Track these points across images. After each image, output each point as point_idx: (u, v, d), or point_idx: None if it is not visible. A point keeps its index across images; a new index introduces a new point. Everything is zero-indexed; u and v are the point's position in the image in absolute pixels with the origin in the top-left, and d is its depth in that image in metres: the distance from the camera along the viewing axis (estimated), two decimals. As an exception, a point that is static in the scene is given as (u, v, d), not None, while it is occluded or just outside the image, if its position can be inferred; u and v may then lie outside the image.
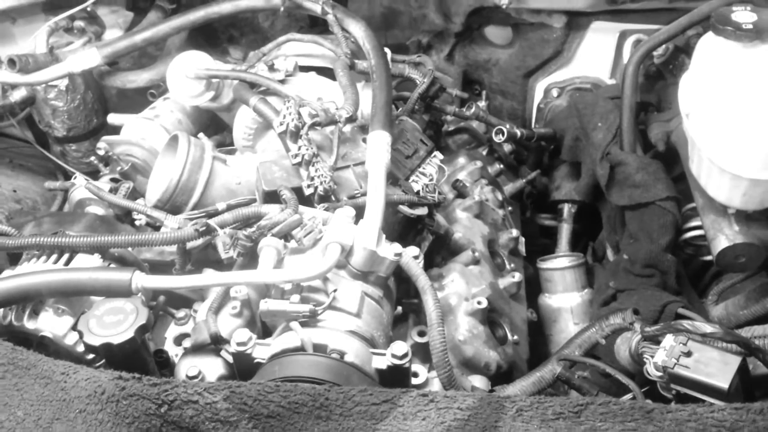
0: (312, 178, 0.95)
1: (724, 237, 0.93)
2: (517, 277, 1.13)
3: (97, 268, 0.85)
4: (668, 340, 0.68)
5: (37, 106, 1.40)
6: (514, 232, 1.23)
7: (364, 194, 0.94)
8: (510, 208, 1.35)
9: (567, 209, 1.38)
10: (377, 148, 0.96)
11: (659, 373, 0.68)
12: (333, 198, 0.96)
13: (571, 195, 1.36)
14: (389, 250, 0.86)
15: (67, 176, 1.45)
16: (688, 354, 0.65)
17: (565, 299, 1.21)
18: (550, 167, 1.47)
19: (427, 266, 1.03)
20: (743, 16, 0.93)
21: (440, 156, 1.11)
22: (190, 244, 0.94)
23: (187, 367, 0.82)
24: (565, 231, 1.39)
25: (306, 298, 0.81)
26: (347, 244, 0.84)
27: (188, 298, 1.01)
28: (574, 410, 0.60)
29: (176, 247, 0.96)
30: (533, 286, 1.30)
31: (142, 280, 0.81)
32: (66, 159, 1.46)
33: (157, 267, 1.02)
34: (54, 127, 1.42)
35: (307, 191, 0.95)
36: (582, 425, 0.58)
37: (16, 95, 1.37)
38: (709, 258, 1.12)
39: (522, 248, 1.29)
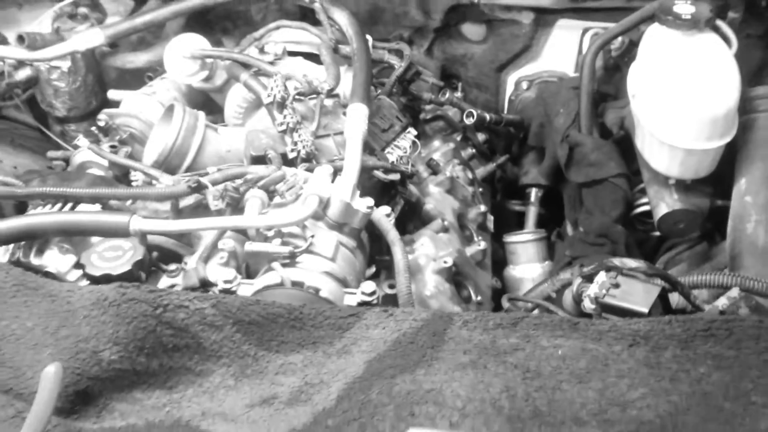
0: (295, 143, 1.05)
1: (664, 204, 1.04)
2: (483, 245, 1.23)
3: (99, 212, 0.94)
4: (601, 276, 0.78)
5: (40, 86, 1.49)
6: (483, 208, 1.33)
7: (342, 159, 1.05)
8: (480, 189, 1.46)
9: (534, 193, 1.50)
10: (355, 118, 1.06)
11: (593, 306, 0.78)
12: (314, 162, 1.06)
13: (537, 179, 1.47)
14: (362, 203, 0.96)
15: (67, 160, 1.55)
16: (617, 286, 0.75)
17: (528, 270, 1.32)
18: (520, 155, 1.58)
19: (400, 233, 1.13)
20: (683, 8, 1.05)
21: (414, 132, 1.22)
22: (182, 203, 1.04)
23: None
24: (531, 213, 1.50)
25: (286, 242, 0.91)
26: (325, 196, 0.93)
27: (179, 254, 1.10)
28: (511, 322, 0.69)
29: (170, 206, 1.05)
30: (500, 265, 1.41)
31: (139, 223, 0.90)
32: (65, 139, 1.55)
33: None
34: (55, 107, 1.51)
35: (291, 155, 1.06)
36: (517, 333, 0.68)
37: (21, 74, 1.46)
38: (658, 234, 1.24)
39: (490, 225, 1.39)
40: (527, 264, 1.31)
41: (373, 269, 1.13)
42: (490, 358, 0.65)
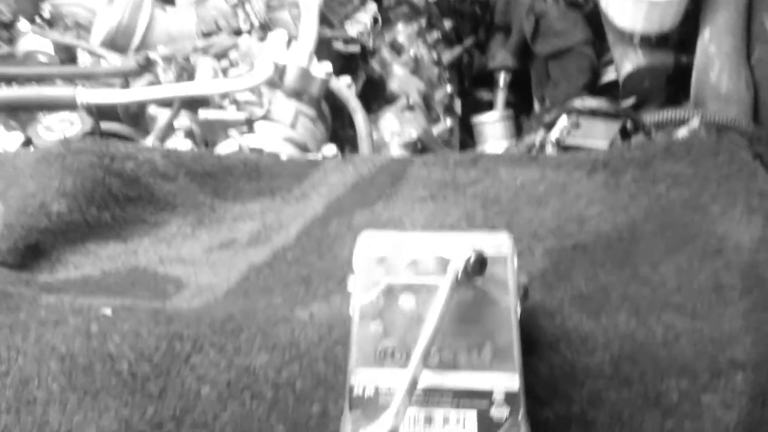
0: (248, 14, 1.01)
1: (629, 63, 1.02)
2: (450, 123, 1.22)
3: (43, 86, 0.90)
4: (562, 120, 0.77)
5: (-18, -12, 1.40)
6: (449, 89, 1.31)
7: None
8: (447, 75, 1.43)
9: (502, 77, 1.47)
10: (310, -14, 1.01)
11: (555, 150, 0.78)
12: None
13: (505, 61, 1.44)
14: (320, 68, 0.92)
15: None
16: (578, 126, 0.74)
17: (495, 147, 1.31)
18: (487, 40, 1.55)
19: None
20: None
21: (375, 6, 1.17)
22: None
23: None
24: (500, 98, 1.48)
25: (242, 109, 0.88)
26: (281, 63, 0.90)
27: (133, 139, 1.06)
28: (471, 159, 0.68)
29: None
30: (468, 148, 1.40)
31: (86, 94, 0.87)
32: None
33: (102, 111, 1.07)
34: (1, 12, 1.43)
35: (244, 27, 1.01)
36: (477, 168, 0.67)
37: (-42, -25, 1.38)
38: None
39: (458, 108, 1.37)
40: (494, 141, 1.30)
41: (333, 148, 1.12)
42: (449, 191, 0.64)
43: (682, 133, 0.71)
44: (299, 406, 0.45)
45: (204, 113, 0.86)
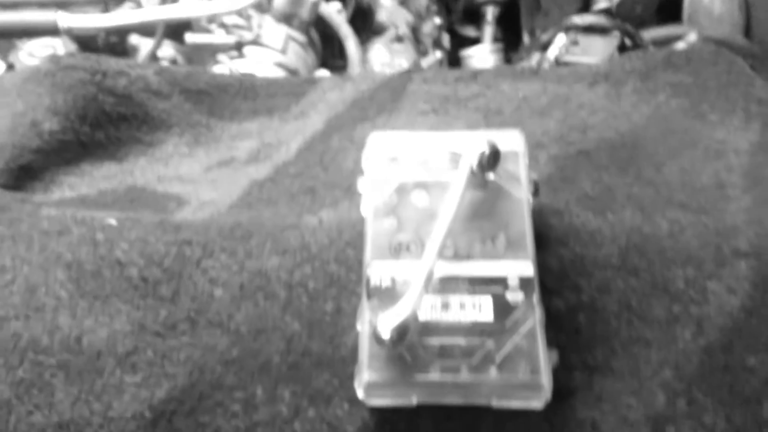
0: (233, -63, 0.97)
1: (621, -12, 1.01)
2: (439, 54, 1.20)
3: (22, 12, 0.87)
4: (560, 38, 0.76)
5: None
6: (438, 21, 1.29)
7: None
8: (435, 8, 1.41)
9: (490, 11, 1.45)
10: None
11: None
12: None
13: (492, -6, 1.42)
14: (310, -8, 0.91)
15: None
16: (576, 43, 0.74)
17: (485, 81, 1.30)
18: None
19: (353, 43, 1.09)
20: None
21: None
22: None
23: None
24: (488, 32, 1.46)
25: (231, 32, 0.86)
26: (269, -15, 0.88)
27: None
28: (472, 74, 0.68)
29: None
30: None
31: (68, 19, 0.84)
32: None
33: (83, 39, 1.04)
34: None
35: (229, -49, 0.98)
36: (477, 83, 0.66)
37: None
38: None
39: (446, 43, 1.35)
40: (484, 75, 1.30)
41: (327, 72, 1.10)
42: (451, 105, 0.64)
43: (680, 46, 0.71)
44: (313, 305, 0.46)
45: (192, 37, 0.84)
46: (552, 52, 0.78)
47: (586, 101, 0.61)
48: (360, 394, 0.39)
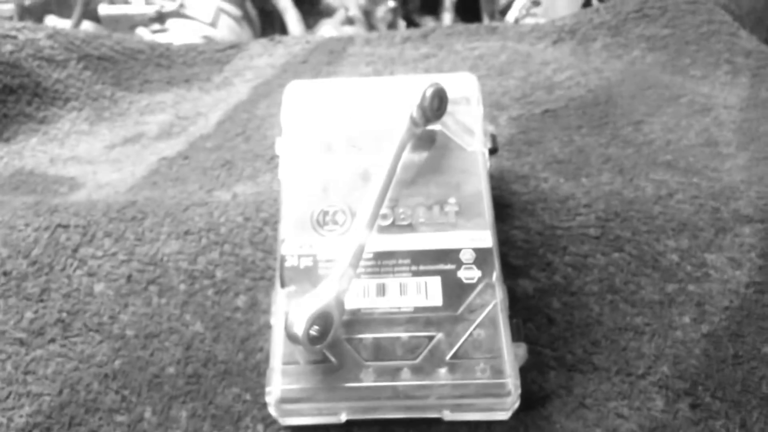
0: None
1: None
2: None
3: None
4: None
5: None
6: (392, 3, 1.21)
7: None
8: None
9: (448, -2, 1.38)
10: None
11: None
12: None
13: (450, -23, 1.35)
14: (243, -41, 0.81)
15: None
16: (537, 3, 0.67)
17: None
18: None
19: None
20: None
21: None
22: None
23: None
24: (447, 21, 1.39)
25: (151, 2, 0.76)
26: (196, -50, 0.78)
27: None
28: (422, 34, 0.59)
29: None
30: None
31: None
32: None
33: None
34: None
35: None
36: (428, 44, 0.58)
37: None
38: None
39: (402, 28, 1.28)
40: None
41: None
42: (397, 67, 0.55)
43: (651, 2, 0.64)
44: (221, 300, 0.36)
45: (105, 8, 0.74)
46: (512, 15, 0.70)
47: (550, 58, 0.53)
48: (272, 410, 0.30)
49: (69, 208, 0.40)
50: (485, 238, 0.31)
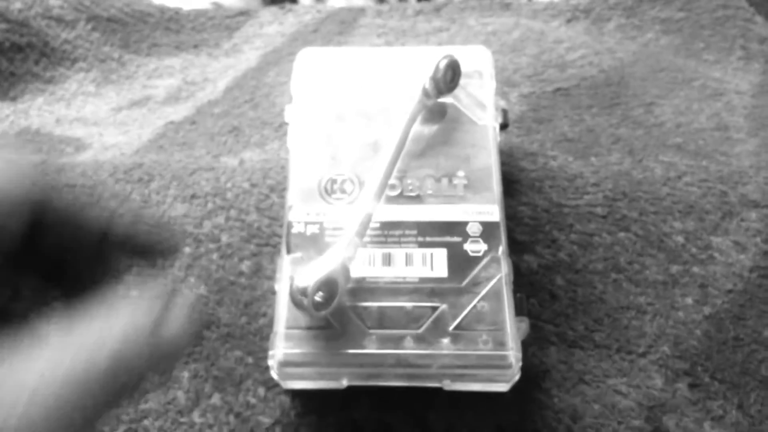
0: None
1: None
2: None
3: None
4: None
5: None
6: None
7: None
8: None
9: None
10: None
11: (525, 15, 0.69)
12: None
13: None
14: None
15: None
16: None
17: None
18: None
19: None
20: None
21: None
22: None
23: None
24: None
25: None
26: None
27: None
28: (434, 8, 0.58)
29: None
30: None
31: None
32: None
33: None
34: None
35: None
36: (440, 17, 0.57)
37: None
38: None
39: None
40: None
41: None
42: (409, 40, 0.55)
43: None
44: (225, 263, 0.36)
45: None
46: (525, -7, 0.69)
47: (564, 37, 0.53)
48: (274, 373, 0.30)
49: (75, 168, 0.40)
50: (493, 211, 0.31)
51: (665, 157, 0.40)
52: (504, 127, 0.36)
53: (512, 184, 0.38)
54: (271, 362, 0.30)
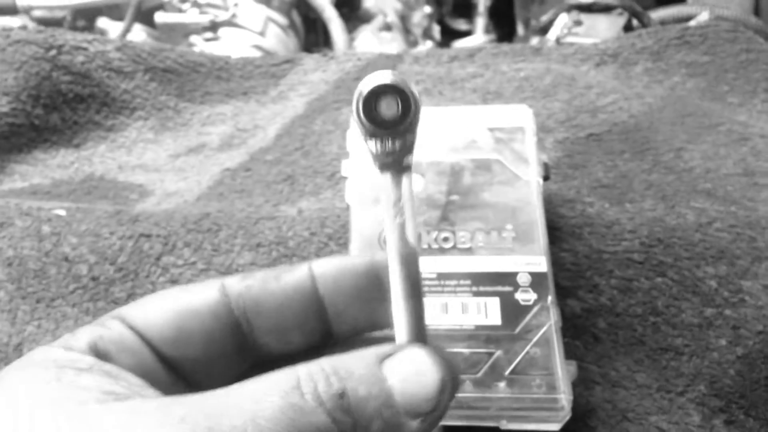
0: None
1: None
2: (429, 44, 1.15)
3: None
4: (561, 18, 0.71)
5: None
6: (427, 9, 1.23)
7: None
8: (424, -3, 1.35)
9: (482, 2, 1.40)
10: None
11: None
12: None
13: (485, -18, 1.37)
14: (291, -29, 0.85)
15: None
16: (579, 23, 0.69)
17: (477, 73, 1.25)
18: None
19: (338, 31, 1.03)
20: None
21: None
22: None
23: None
24: (480, 24, 1.41)
25: (205, 12, 0.80)
26: (247, -38, 0.82)
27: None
28: (468, 54, 0.62)
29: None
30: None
31: (27, -4, 0.77)
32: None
33: (49, 23, 0.97)
34: None
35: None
36: (474, 63, 0.61)
37: None
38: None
39: (437, 34, 1.30)
40: (476, 67, 1.24)
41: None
42: (445, 86, 0.58)
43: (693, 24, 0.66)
44: (290, 308, 0.40)
45: (162, 16, 0.78)
46: (553, 33, 0.72)
47: (593, 82, 0.56)
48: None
49: (150, 218, 0.44)
50: (540, 263, 0.34)
51: (696, 203, 0.43)
52: (546, 179, 0.39)
53: (554, 231, 0.41)
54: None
